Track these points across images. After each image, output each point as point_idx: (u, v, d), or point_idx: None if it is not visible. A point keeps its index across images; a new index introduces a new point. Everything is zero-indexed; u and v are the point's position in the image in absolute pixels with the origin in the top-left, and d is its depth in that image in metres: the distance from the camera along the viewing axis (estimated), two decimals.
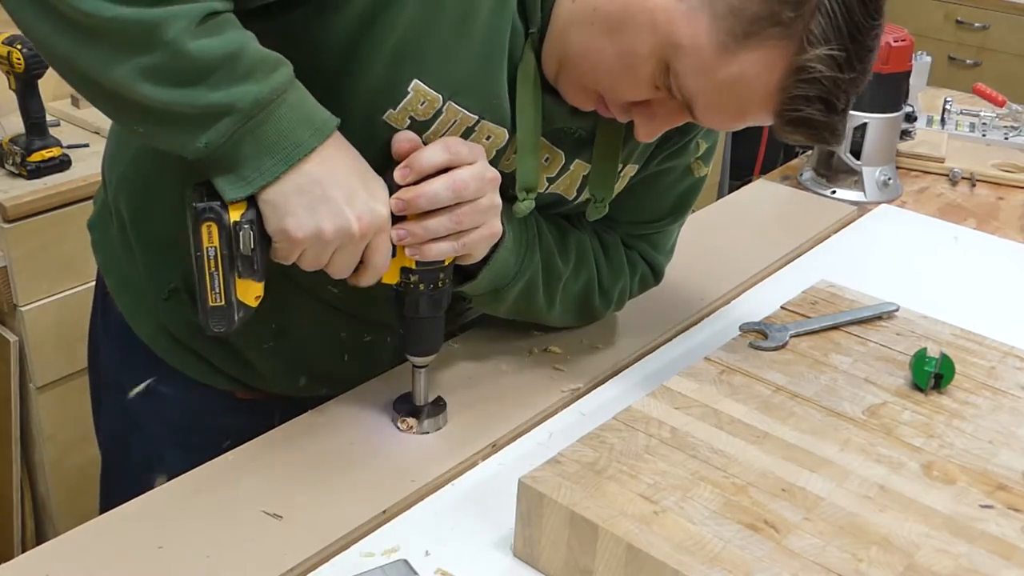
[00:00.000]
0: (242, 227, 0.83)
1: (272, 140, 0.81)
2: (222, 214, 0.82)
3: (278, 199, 0.82)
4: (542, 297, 1.07)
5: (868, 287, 1.18)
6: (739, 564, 0.76)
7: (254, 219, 0.83)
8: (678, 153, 1.09)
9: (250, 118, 0.79)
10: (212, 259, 0.84)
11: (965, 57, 3.62)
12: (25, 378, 1.91)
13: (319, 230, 0.83)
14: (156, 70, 0.77)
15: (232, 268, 0.85)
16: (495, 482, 0.94)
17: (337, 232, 0.84)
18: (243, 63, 0.79)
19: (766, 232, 1.48)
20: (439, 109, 0.89)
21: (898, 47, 1.55)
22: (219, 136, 0.79)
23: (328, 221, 0.83)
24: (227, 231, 0.83)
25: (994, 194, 1.66)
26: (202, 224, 0.83)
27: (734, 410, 0.94)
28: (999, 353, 1.06)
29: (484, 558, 0.85)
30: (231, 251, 0.84)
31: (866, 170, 1.60)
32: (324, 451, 0.97)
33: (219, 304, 0.86)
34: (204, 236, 0.84)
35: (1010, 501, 0.85)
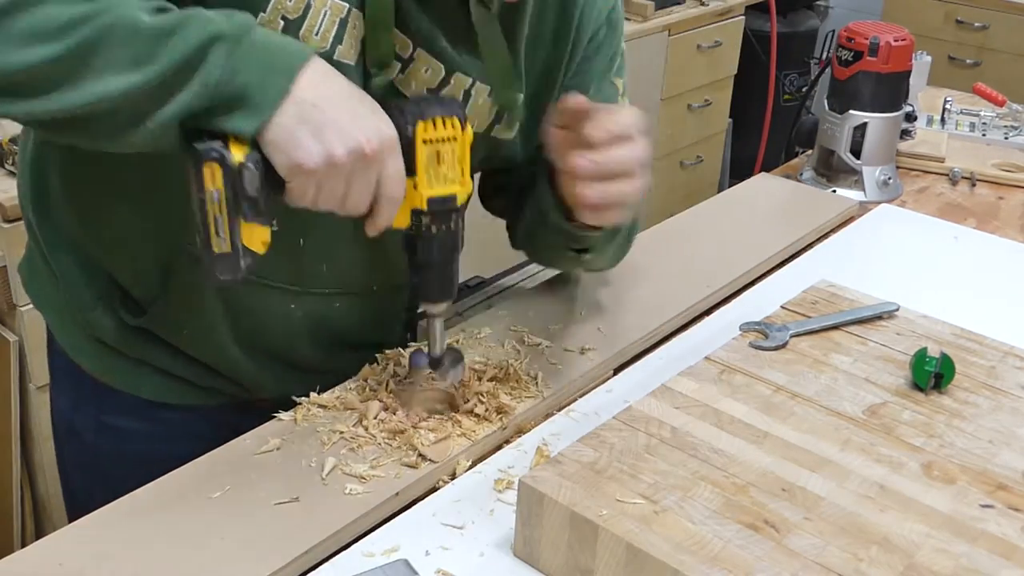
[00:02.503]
0: (247, 166, 0.80)
1: (267, 58, 0.80)
2: (225, 154, 0.79)
3: (282, 134, 0.80)
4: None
5: (868, 287, 1.18)
6: (739, 564, 0.76)
7: (259, 159, 0.80)
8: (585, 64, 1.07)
9: (238, 41, 0.78)
10: (216, 203, 0.80)
11: (965, 57, 3.62)
12: (25, 378, 1.91)
13: (331, 154, 0.80)
14: (135, 57, 0.77)
15: (237, 211, 0.81)
16: (495, 482, 0.94)
17: (350, 153, 0.81)
18: (205, 13, 0.79)
19: (768, 225, 1.48)
20: (307, 3, 0.88)
21: (898, 47, 1.55)
22: (216, 68, 0.78)
23: (338, 143, 0.80)
24: (231, 172, 0.80)
25: (994, 194, 1.66)
26: (204, 164, 0.79)
27: (734, 410, 0.94)
28: (999, 353, 1.06)
29: (484, 558, 0.85)
30: (236, 193, 0.80)
31: (866, 170, 1.60)
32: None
33: (224, 251, 0.82)
34: (207, 178, 0.80)
35: (1010, 501, 0.85)
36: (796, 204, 1.57)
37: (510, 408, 1.01)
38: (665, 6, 3.15)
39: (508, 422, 1.01)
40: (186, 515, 0.87)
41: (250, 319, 1.05)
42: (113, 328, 1.07)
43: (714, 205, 1.57)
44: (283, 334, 1.08)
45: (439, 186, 0.88)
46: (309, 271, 1.04)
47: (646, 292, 1.25)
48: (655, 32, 3.10)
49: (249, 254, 0.83)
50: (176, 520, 0.86)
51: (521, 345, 1.13)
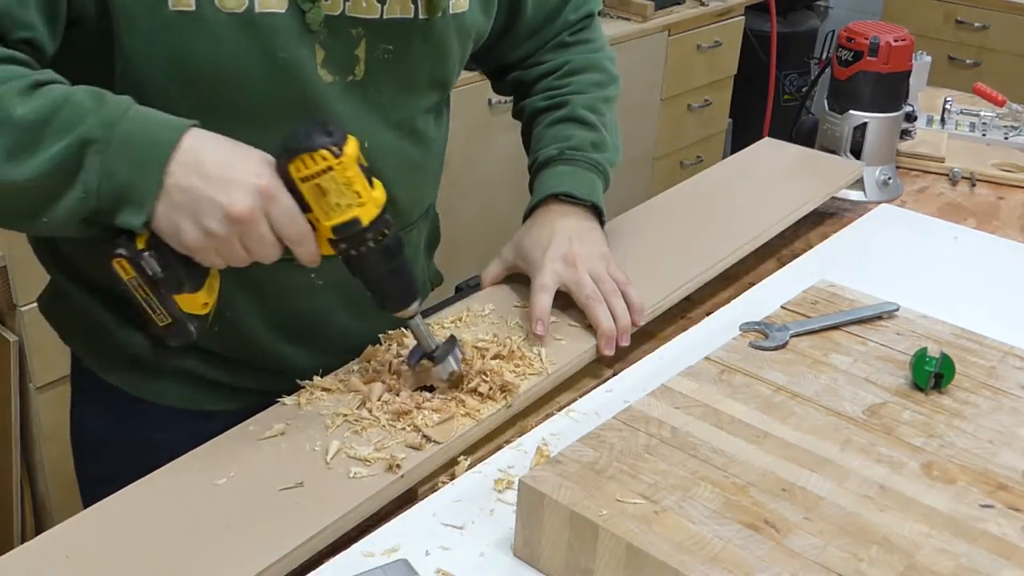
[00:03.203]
0: (150, 254, 0.86)
1: (137, 153, 0.83)
2: (128, 246, 0.86)
3: (164, 223, 0.85)
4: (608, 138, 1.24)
5: (868, 287, 1.18)
6: (739, 564, 0.76)
7: (157, 244, 0.86)
8: None
9: (108, 142, 0.82)
10: (138, 288, 0.87)
11: (965, 57, 3.62)
12: (25, 378, 1.91)
13: (208, 231, 0.84)
14: (10, 149, 0.80)
15: (160, 289, 0.88)
16: (495, 482, 0.94)
17: (223, 223, 0.84)
18: (75, 104, 0.83)
19: (773, 191, 1.49)
20: None
21: (898, 47, 1.55)
22: (93, 174, 0.82)
23: (211, 219, 0.84)
24: (137, 262, 0.86)
25: (994, 194, 1.66)
26: (112, 261, 0.86)
27: (734, 410, 0.94)
28: (999, 353, 1.06)
29: (484, 558, 0.85)
30: (150, 277, 0.87)
31: (866, 169, 1.60)
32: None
33: (168, 323, 0.89)
34: (120, 271, 0.87)
35: (1010, 501, 0.85)
36: (804, 168, 1.58)
37: (514, 386, 1.01)
38: (665, 6, 3.15)
39: (512, 400, 1.01)
40: (192, 503, 0.87)
41: (278, 301, 1.06)
42: (143, 341, 1.07)
43: (721, 170, 1.57)
44: (313, 309, 1.09)
45: (337, 216, 0.88)
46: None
47: (652, 265, 1.25)
48: (655, 32, 3.10)
49: (194, 319, 0.90)
50: (182, 508, 0.86)
51: (525, 322, 1.12)
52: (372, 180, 0.89)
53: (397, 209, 1.09)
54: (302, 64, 0.97)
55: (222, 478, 0.89)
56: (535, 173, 1.24)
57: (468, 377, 1.01)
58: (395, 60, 1.04)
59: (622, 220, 1.36)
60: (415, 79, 1.08)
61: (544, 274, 1.12)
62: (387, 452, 0.92)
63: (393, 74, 1.05)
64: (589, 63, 1.29)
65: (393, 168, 1.07)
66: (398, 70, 1.05)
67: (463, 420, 0.97)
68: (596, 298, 1.11)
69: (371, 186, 0.89)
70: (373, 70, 1.03)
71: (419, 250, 1.23)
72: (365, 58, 1.01)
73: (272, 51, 0.95)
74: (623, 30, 2.98)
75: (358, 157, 0.87)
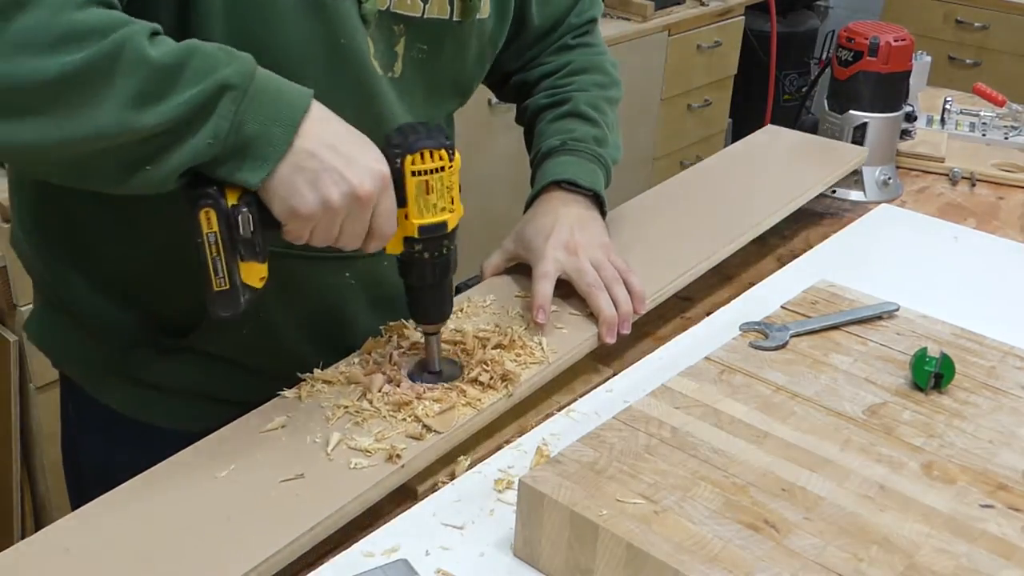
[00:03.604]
0: (240, 211, 0.83)
1: (270, 108, 0.81)
2: (219, 199, 0.82)
3: (281, 184, 0.83)
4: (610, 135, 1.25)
5: (868, 287, 1.18)
6: (739, 564, 0.76)
7: (252, 201, 0.83)
8: None
9: (245, 91, 0.80)
10: (213, 244, 0.84)
11: (965, 57, 3.63)
12: (25, 378, 1.91)
13: (326, 202, 0.84)
14: (140, 93, 0.77)
15: (234, 252, 0.85)
16: (495, 482, 0.94)
17: (343, 199, 0.84)
18: (206, 53, 0.80)
19: (776, 177, 1.49)
20: None
21: (898, 47, 1.55)
22: (224, 121, 0.79)
23: (334, 190, 0.83)
24: (225, 216, 0.83)
25: (994, 194, 1.66)
26: (200, 211, 0.83)
27: (734, 410, 0.94)
28: (999, 353, 1.06)
29: (484, 558, 0.85)
30: (231, 236, 0.84)
31: (866, 169, 1.60)
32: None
33: (223, 288, 0.86)
34: (203, 222, 0.83)
35: (1010, 501, 0.85)
36: (806, 153, 1.58)
37: (515, 375, 1.01)
38: (665, 6, 3.15)
39: (514, 389, 1.01)
40: (193, 496, 0.87)
41: (309, 301, 1.07)
42: (156, 361, 1.07)
43: (720, 160, 1.57)
44: (342, 308, 1.10)
45: (429, 215, 0.91)
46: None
47: (652, 253, 1.25)
48: (655, 32, 3.10)
49: (248, 290, 0.87)
50: (182, 501, 0.86)
51: (527, 312, 1.12)
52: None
53: None
54: (360, 52, 0.98)
55: (223, 471, 0.89)
56: (537, 164, 1.24)
57: (469, 367, 1.01)
58: (427, 61, 1.05)
59: (622, 209, 1.36)
60: (441, 83, 1.09)
61: (545, 262, 1.12)
62: (387, 442, 0.92)
63: (423, 75, 1.06)
64: (592, 64, 1.30)
65: None
66: (428, 72, 1.07)
67: (464, 410, 0.97)
68: (597, 286, 1.11)
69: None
70: (408, 69, 1.04)
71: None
72: (403, 56, 1.03)
73: (336, 36, 0.95)
74: (623, 30, 2.98)
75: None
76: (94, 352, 1.09)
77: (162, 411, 1.09)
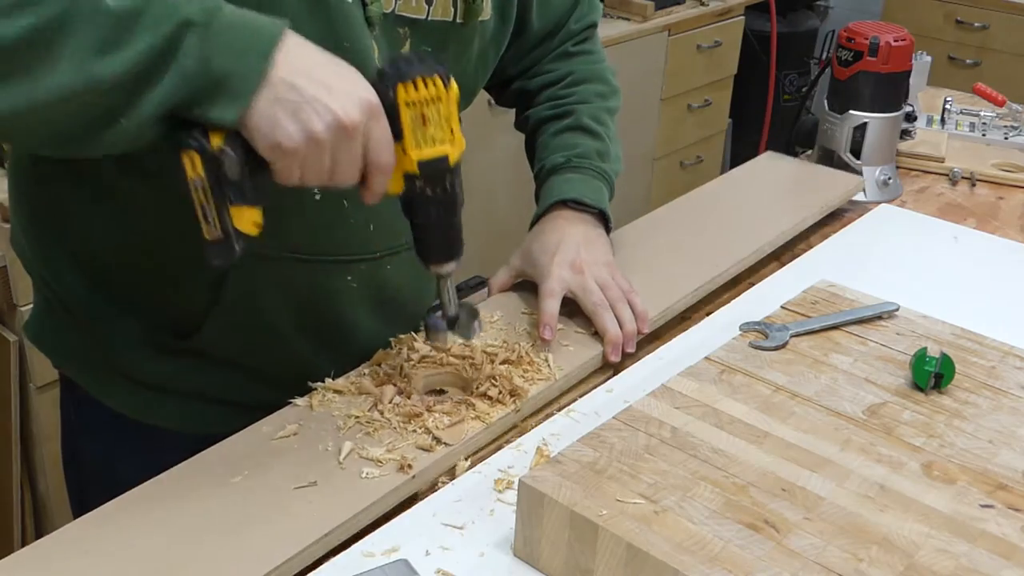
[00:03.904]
0: (226, 152, 0.79)
1: (240, 40, 0.78)
2: (203, 141, 0.79)
3: (261, 119, 0.79)
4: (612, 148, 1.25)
5: (868, 287, 1.18)
6: (739, 564, 0.76)
7: (237, 143, 0.80)
8: None
9: (208, 27, 0.77)
10: (200, 190, 0.80)
11: (965, 57, 3.62)
12: (25, 378, 1.91)
13: (311, 133, 0.79)
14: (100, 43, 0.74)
15: (223, 197, 0.81)
16: (495, 482, 0.94)
17: (329, 128, 0.80)
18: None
19: (774, 204, 1.50)
20: None
21: (898, 47, 1.55)
22: (189, 59, 0.76)
23: (317, 120, 0.79)
24: (211, 159, 0.79)
25: (994, 194, 1.66)
26: (182, 155, 0.79)
27: (734, 410, 0.94)
28: (999, 353, 1.06)
29: (484, 558, 0.85)
30: (218, 179, 0.80)
31: (866, 170, 1.60)
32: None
33: (216, 237, 0.82)
34: (188, 167, 0.80)
35: (1010, 501, 0.85)
36: (802, 181, 1.58)
37: (523, 391, 1.02)
38: (665, 6, 3.15)
39: (522, 404, 1.01)
40: (205, 500, 0.87)
41: (310, 305, 1.06)
42: (158, 362, 1.06)
43: (719, 185, 1.57)
44: (343, 311, 1.10)
45: (428, 148, 0.86)
46: (359, 235, 1.06)
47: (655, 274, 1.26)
48: (655, 32, 3.10)
49: (242, 237, 0.83)
50: (196, 506, 0.86)
51: (533, 328, 1.13)
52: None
53: None
54: (365, 55, 0.97)
55: (236, 476, 0.89)
56: (542, 180, 1.24)
57: (478, 382, 1.02)
58: None
59: (623, 232, 1.36)
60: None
61: (551, 280, 1.12)
62: (398, 452, 0.93)
63: None
64: (593, 74, 1.30)
65: None
66: None
67: (473, 423, 0.98)
68: (603, 305, 1.12)
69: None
70: None
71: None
72: None
73: (340, 38, 0.94)
74: (623, 30, 2.98)
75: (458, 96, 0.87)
76: (94, 353, 1.09)
77: (164, 413, 1.09)
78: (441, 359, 1.05)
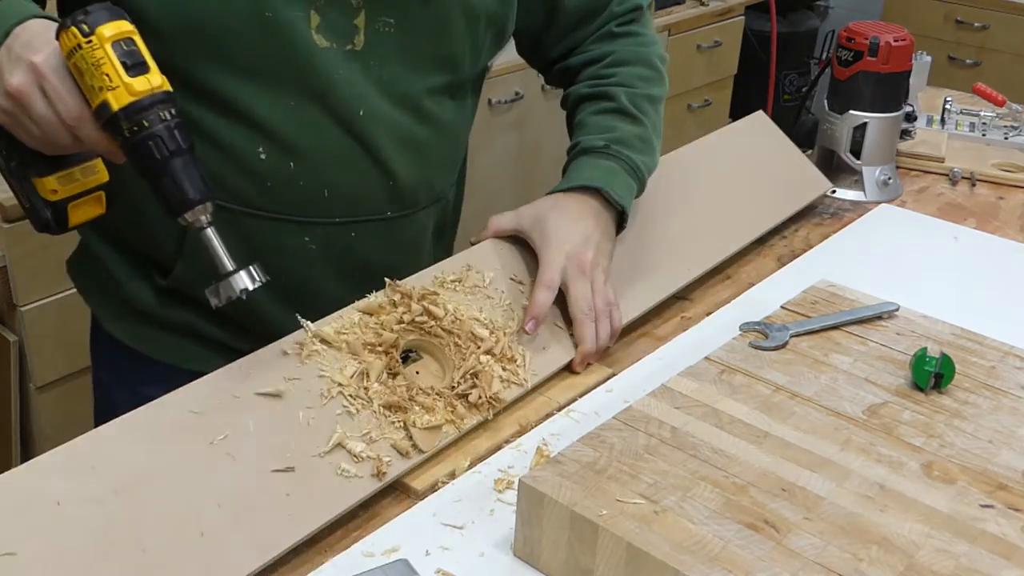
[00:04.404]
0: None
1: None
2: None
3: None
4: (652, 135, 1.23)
5: (868, 287, 1.18)
6: (739, 564, 0.76)
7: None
8: None
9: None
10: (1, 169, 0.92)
11: (965, 57, 3.63)
12: (25, 378, 1.91)
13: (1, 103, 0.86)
14: None
15: (12, 171, 0.92)
16: (495, 482, 0.94)
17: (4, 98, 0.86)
18: None
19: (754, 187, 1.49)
20: None
21: (898, 47, 1.55)
22: None
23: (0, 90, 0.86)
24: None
25: (994, 194, 1.66)
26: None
27: (734, 410, 0.94)
28: (999, 353, 1.06)
29: (484, 558, 0.85)
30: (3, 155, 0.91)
31: (866, 170, 1.60)
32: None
33: (27, 206, 0.93)
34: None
35: (1010, 501, 0.85)
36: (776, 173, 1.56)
37: (501, 400, 1.02)
38: (665, 6, 3.15)
39: (492, 412, 1.01)
40: (184, 463, 0.86)
41: (272, 262, 1.04)
42: (149, 295, 1.13)
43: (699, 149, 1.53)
44: (305, 271, 1.11)
45: (93, 98, 0.85)
46: (310, 198, 1.07)
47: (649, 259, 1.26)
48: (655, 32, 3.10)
49: (47, 205, 0.92)
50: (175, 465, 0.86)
51: (518, 308, 1.11)
52: (146, 67, 0.86)
53: (397, 186, 1.12)
54: (293, 26, 1.00)
55: (218, 435, 0.88)
56: (576, 156, 1.21)
57: (460, 370, 1.01)
58: (396, 35, 1.06)
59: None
60: (420, 57, 1.09)
61: (553, 269, 1.11)
62: (376, 450, 0.92)
63: (395, 49, 1.07)
64: (636, 56, 1.28)
65: (391, 142, 1.09)
66: (400, 45, 1.07)
67: (448, 427, 0.98)
68: (590, 316, 1.10)
69: (138, 73, 0.85)
70: (374, 42, 1.05)
71: (425, 236, 1.23)
72: (365, 29, 1.04)
73: (260, 10, 0.98)
74: None
75: (117, 39, 0.85)
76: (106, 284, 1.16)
77: (156, 344, 1.15)
78: (431, 328, 1.03)
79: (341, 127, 1.06)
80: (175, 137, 0.86)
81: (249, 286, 0.89)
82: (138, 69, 0.85)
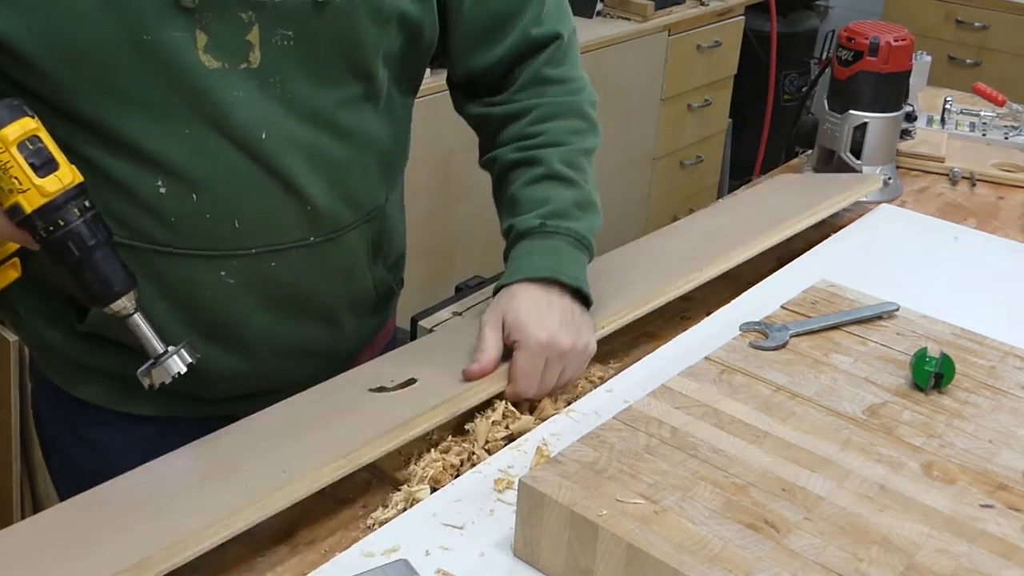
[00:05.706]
0: None
1: None
2: None
3: None
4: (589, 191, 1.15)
5: (868, 287, 1.18)
6: (739, 564, 0.76)
7: None
8: None
9: None
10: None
11: (965, 57, 3.62)
12: (25, 378, 1.91)
13: None
14: None
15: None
16: (495, 482, 0.94)
17: None
18: None
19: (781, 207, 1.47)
20: None
21: (898, 47, 1.55)
22: None
23: None
24: None
25: (994, 194, 1.66)
26: None
27: (734, 410, 0.94)
28: (999, 353, 1.06)
29: (484, 558, 0.85)
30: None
31: (866, 169, 1.60)
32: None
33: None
34: None
35: (1010, 501, 0.85)
36: (812, 186, 1.56)
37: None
38: (665, 6, 3.15)
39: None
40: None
41: (185, 295, 1.02)
42: (71, 340, 1.07)
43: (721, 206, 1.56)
44: (225, 307, 1.04)
45: (5, 199, 0.86)
46: (219, 230, 1.00)
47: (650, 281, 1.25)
48: (655, 32, 3.10)
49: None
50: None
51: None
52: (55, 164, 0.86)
53: (316, 210, 1.03)
54: (176, 48, 0.92)
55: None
56: (513, 242, 1.12)
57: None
58: (297, 48, 0.97)
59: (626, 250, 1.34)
60: (327, 68, 1.00)
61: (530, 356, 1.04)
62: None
63: (297, 63, 0.98)
64: (566, 108, 1.16)
65: (302, 163, 1.01)
66: (303, 58, 0.98)
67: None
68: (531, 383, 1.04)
69: (47, 172, 0.85)
70: (272, 58, 0.96)
71: (358, 256, 1.12)
72: (260, 44, 0.95)
73: (136, 33, 0.90)
74: (623, 30, 2.98)
75: (22, 139, 0.85)
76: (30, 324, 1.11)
77: (84, 387, 1.10)
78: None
79: (243, 152, 0.97)
80: (92, 231, 0.88)
81: (182, 369, 0.92)
82: (47, 168, 0.86)
